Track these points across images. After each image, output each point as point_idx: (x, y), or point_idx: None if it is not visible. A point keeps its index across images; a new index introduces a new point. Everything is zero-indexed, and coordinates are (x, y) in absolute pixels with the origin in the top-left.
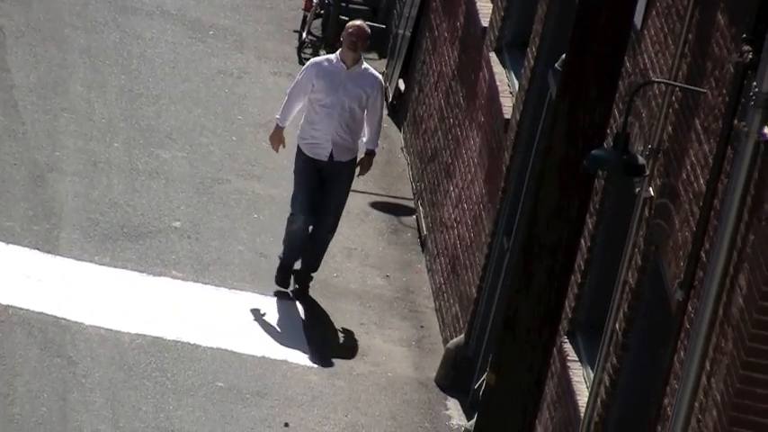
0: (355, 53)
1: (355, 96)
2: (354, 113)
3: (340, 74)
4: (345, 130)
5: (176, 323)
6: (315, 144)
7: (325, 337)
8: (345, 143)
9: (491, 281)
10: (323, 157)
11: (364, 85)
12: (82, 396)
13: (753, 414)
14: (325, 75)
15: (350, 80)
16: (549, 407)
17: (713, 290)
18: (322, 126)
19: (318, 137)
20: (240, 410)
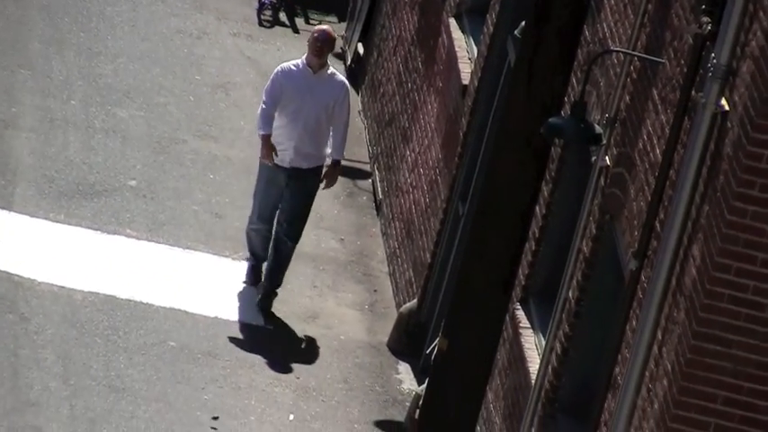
0: (321, 58)
1: (321, 102)
2: (320, 120)
3: (306, 79)
4: (310, 136)
5: (129, 282)
6: (279, 150)
7: (277, 299)
8: (309, 150)
9: (445, 246)
10: (285, 163)
11: (331, 90)
12: (33, 353)
13: (703, 384)
14: (291, 80)
15: (316, 86)
16: (501, 373)
17: (667, 260)
18: (286, 132)
19: (282, 142)
20: (192, 370)
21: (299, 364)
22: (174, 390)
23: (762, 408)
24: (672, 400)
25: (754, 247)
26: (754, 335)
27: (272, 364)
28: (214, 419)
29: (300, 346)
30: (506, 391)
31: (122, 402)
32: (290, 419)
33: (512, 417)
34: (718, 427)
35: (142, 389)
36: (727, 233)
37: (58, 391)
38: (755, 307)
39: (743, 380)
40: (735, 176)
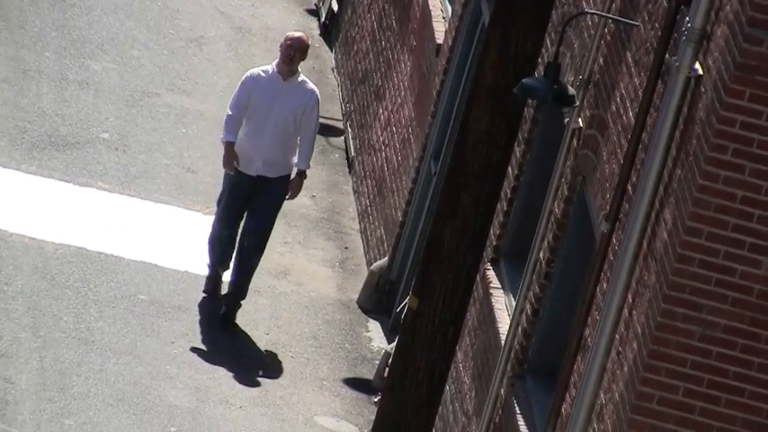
0: (292, 66)
1: (290, 110)
2: (288, 128)
3: (275, 86)
4: (278, 144)
5: (100, 234)
6: (244, 157)
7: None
8: (277, 158)
9: (417, 205)
10: (252, 171)
11: (300, 98)
12: (3, 303)
13: (673, 348)
14: (260, 86)
15: (285, 93)
16: (470, 333)
17: (638, 223)
18: (253, 139)
19: (249, 150)
20: (161, 324)
21: (269, 319)
22: (144, 343)
23: (730, 372)
24: (641, 363)
25: (726, 211)
26: (724, 299)
27: (242, 319)
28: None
29: (270, 302)
30: (476, 352)
31: (92, 355)
32: (259, 375)
33: (481, 377)
34: (687, 391)
35: (112, 342)
36: (699, 197)
37: (28, 342)
38: (726, 272)
39: (712, 344)
40: (707, 141)
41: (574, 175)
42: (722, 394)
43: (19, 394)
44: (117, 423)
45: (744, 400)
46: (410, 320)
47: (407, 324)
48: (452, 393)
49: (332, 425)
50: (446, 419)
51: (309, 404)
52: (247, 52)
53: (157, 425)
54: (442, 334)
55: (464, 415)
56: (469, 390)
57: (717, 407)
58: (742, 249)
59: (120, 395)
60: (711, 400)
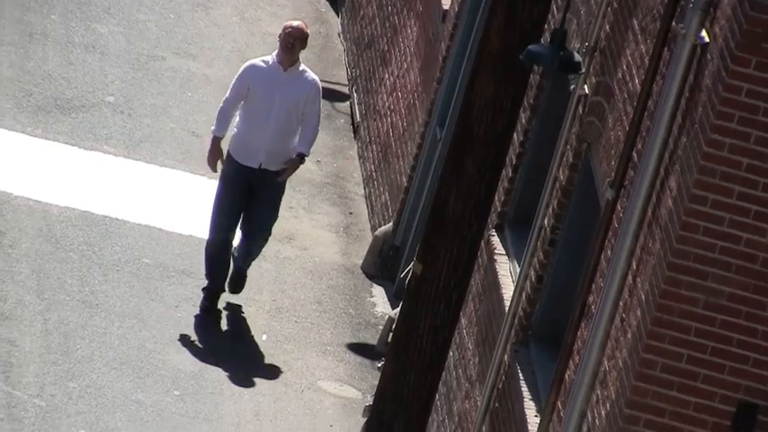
0: (293, 55)
1: (292, 100)
2: (290, 118)
3: (276, 76)
4: (281, 136)
5: (105, 198)
6: (246, 151)
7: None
8: (280, 150)
9: (422, 171)
10: (253, 164)
11: (302, 89)
12: (8, 266)
13: (677, 315)
14: (261, 77)
15: (287, 83)
16: (474, 299)
17: (643, 190)
18: (255, 131)
19: (250, 142)
20: (165, 288)
21: (274, 284)
22: (148, 307)
23: (734, 340)
24: (645, 330)
25: (731, 179)
26: (729, 267)
27: (247, 284)
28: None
29: (275, 267)
30: (480, 318)
31: (96, 318)
32: (263, 339)
33: (485, 343)
34: (691, 359)
35: (116, 305)
36: (704, 165)
37: (33, 305)
38: (731, 239)
39: (716, 312)
40: (713, 109)
41: (579, 142)
42: (726, 362)
43: (23, 357)
44: (120, 386)
45: (748, 368)
46: (414, 286)
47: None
48: (456, 359)
49: (335, 389)
50: (449, 385)
51: (313, 369)
52: (254, 16)
53: (161, 388)
54: (445, 300)
55: (467, 381)
56: (473, 356)
57: (721, 374)
58: (747, 217)
59: (123, 358)
60: (715, 368)
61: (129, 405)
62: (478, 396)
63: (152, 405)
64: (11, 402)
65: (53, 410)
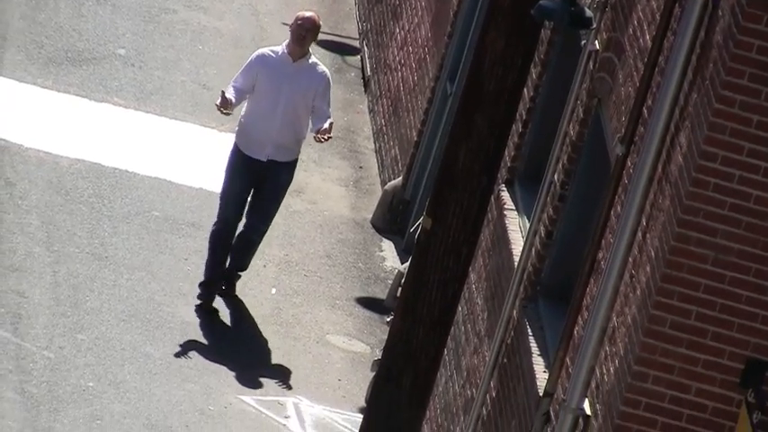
0: (303, 47)
1: (300, 92)
2: (298, 111)
3: (285, 67)
4: (289, 128)
5: (115, 150)
6: (253, 142)
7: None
8: (287, 142)
9: (432, 125)
10: (261, 156)
11: (311, 81)
12: (18, 218)
13: (686, 272)
14: (270, 67)
15: (295, 75)
16: (484, 254)
17: (653, 147)
18: (262, 122)
19: (258, 134)
20: (175, 240)
21: (283, 238)
22: (157, 259)
23: (743, 297)
24: (654, 286)
25: (741, 136)
26: (738, 224)
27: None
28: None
29: (285, 221)
30: (489, 273)
31: (105, 270)
32: (272, 293)
33: (494, 298)
34: (699, 315)
35: (125, 257)
36: (715, 122)
37: (42, 256)
38: (740, 196)
39: (725, 269)
40: (724, 65)
41: (589, 97)
42: (735, 319)
43: (32, 308)
44: (129, 338)
45: (756, 326)
46: (424, 241)
47: (421, 244)
48: (464, 314)
49: (344, 344)
50: (458, 340)
51: (322, 323)
52: None
53: (170, 341)
54: (455, 255)
55: (476, 336)
56: (482, 311)
57: (729, 332)
58: (757, 174)
59: (132, 311)
60: (724, 325)
61: (138, 357)
62: (487, 351)
63: (160, 358)
64: (20, 354)
65: (62, 362)
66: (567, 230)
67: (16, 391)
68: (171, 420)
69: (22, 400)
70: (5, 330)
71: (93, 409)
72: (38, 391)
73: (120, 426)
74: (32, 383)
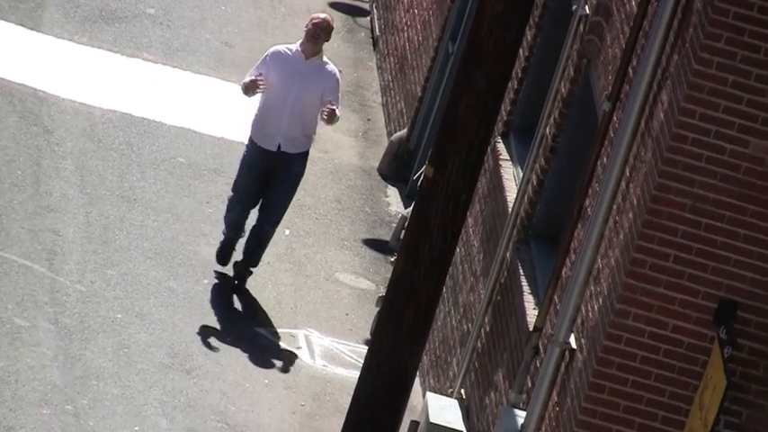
0: (316, 45)
1: (309, 89)
2: (307, 107)
3: (297, 65)
4: (297, 122)
5: (144, 101)
6: (265, 134)
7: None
8: (296, 135)
9: (435, 82)
10: (272, 147)
11: (321, 78)
12: (54, 163)
13: (665, 218)
14: (282, 63)
15: (307, 72)
16: (481, 200)
17: (637, 103)
18: (273, 115)
19: (269, 126)
20: (198, 185)
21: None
22: (181, 202)
23: (718, 242)
24: (636, 231)
25: (718, 94)
26: (714, 175)
27: None
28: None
29: None
30: (485, 218)
31: (134, 212)
32: (285, 234)
33: (489, 241)
34: (677, 258)
35: (152, 200)
36: (694, 81)
37: (76, 198)
38: (716, 149)
39: (702, 216)
40: (702, 29)
41: (579, 58)
42: (709, 262)
43: (66, 246)
44: (155, 274)
45: (729, 268)
46: (426, 187)
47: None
48: (462, 255)
49: (351, 281)
50: (456, 279)
51: (331, 262)
52: None
53: (191, 277)
54: (454, 200)
55: (472, 275)
56: (478, 252)
57: (704, 273)
58: (732, 129)
59: (158, 249)
60: (699, 267)
61: (162, 292)
62: (482, 289)
63: (183, 292)
64: (54, 287)
65: (92, 295)
66: (557, 179)
67: (51, 321)
68: (192, 350)
69: (56, 330)
70: (41, 266)
71: (121, 339)
72: (70, 321)
73: (146, 354)
74: (66, 314)
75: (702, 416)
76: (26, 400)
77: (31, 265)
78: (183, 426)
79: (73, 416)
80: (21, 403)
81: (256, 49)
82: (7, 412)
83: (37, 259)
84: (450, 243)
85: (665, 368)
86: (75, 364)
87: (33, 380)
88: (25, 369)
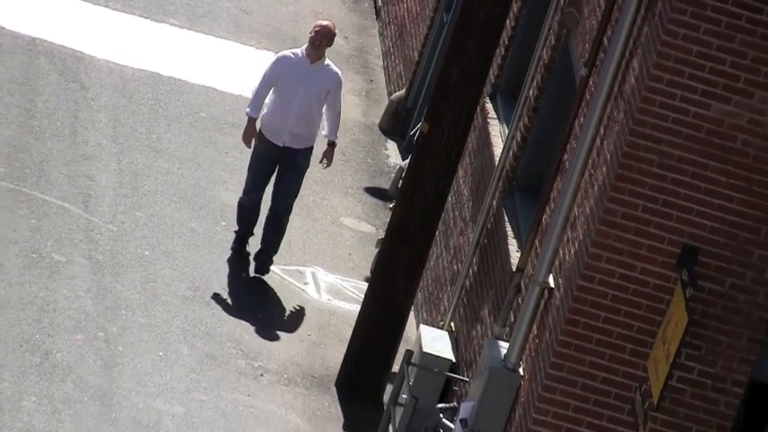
0: (319, 50)
1: (315, 90)
2: (312, 106)
3: (303, 68)
4: (303, 119)
5: (171, 62)
6: (273, 129)
7: None
8: (301, 131)
9: (431, 48)
10: (279, 142)
11: (325, 80)
12: (90, 116)
13: (635, 172)
14: (290, 67)
15: (312, 74)
16: (470, 154)
17: (611, 69)
18: (281, 114)
19: (277, 123)
20: (217, 137)
21: None
22: (203, 152)
23: (681, 194)
24: (609, 184)
25: (683, 62)
26: (679, 134)
27: None
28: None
29: None
30: (474, 170)
31: (160, 160)
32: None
33: (477, 190)
34: (645, 208)
35: (177, 150)
36: (662, 50)
37: (109, 148)
38: (681, 111)
39: (667, 170)
40: (670, 4)
41: (560, 28)
42: (674, 212)
43: (100, 190)
44: (178, 216)
45: (691, 218)
46: (421, 142)
47: (419, 145)
48: (453, 203)
49: (353, 225)
50: (447, 224)
51: (336, 207)
52: None
53: (211, 219)
54: (446, 154)
55: (462, 221)
56: (467, 201)
57: (669, 222)
58: (695, 94)
59: (181, 194)
60: (665, 217)
61: (185, 232)
62: (471, 233)
63: (203, 233)
64: (89, 227)
65: (123, 234)
66: (539, 136)
67: (85, 257)
68: (211, 284)
69: (90, 265)
70: (77, 207)
71: (148, 274)
72: (103, 257)
73: (169, 287)
74: (99, 251)
75: (665, 348)
76: (63, 327)
77: (68, 207)
78: (202, 352)
79: (104, 341)
80: (58, 330)
81: (272, 17)
82: (46, 338)
83: (73, 202)
84: (442, 192)
85: (634, 306)
86: (106, 295)
87: (69, 309)
88: (62, 299)
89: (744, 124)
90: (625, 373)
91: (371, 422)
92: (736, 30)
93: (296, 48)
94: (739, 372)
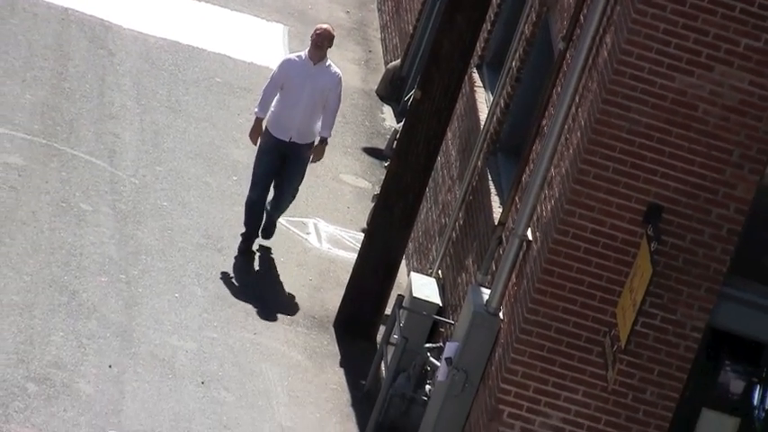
0: (321, 52)
1: (318, 89)
2: (316, 103)
3: (307, 69)
4: (308, 116)
5: (190, 32)
6: (280, 126)
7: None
8: (307, 128)
9: (424, 22)
10: (286, 138)
11: (327, 80)
12: (116, 79)
13: (606, 137)
14: (295, 69)
15: (315, 75)
16: (458, 119)
17: (586, 44)
18: (288, 112)
19: (284, 121)
20: (231, 100)
21: None
22: (217, 114)
23: (648, 157)
24: (583, 147)
25: (652, 38)
26: (646, 103)
27: None
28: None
29: None
30: (461, 133)
31: (179, 120)
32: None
33: (464, 152)
34: (615, 170)
35: (194, 111)
36: (632, 27)
37: (132, 108)
38: (648, 83)
39: (636, 136)
40: None
41: (541, 6)
42: (641, 173)
43: (124, 147)
44: (194, 171)
45: (657, 179)
46: (414, 107)
47: (412, 109)
48: (442, 163)
49: (352, 180)
50: (437, 182)
51: (336, 165)
52: None
53: (224, 174)
54: (437, 118)
55: (450, 179)
56: (455, 161)
57: (636, 182)
58: (662, 67)
59: (197, 151)
60: (633, 177)
61: (200, 185)
62: (458, 190)
63: (217, 186)
64: (113, 179)
65: (144, 187)
66: (521, 103)
67: (110, 206)
68: (223, 232)
69: (114, 214)
70: (103, 162)
71: (166, 222)
72: (125, 207)
73: (185, 235)
74: (122, 201)
75: (632, 297)
76: (88, 270)
77: (95, 161)
78: (213, 293)
79: (125, 283)
80: (84, 272)
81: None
82: (73, 279)
83: (100, 156)
84: (432, 152)
85: (603, 258)
86: (128, 241)
87: (94, 253)
88: (88, 245)
89: (705, 95)
90: (594, 319)
91: (366, 359)
92: (699, 10)
93: (299, 51)
94: (698, 318)
